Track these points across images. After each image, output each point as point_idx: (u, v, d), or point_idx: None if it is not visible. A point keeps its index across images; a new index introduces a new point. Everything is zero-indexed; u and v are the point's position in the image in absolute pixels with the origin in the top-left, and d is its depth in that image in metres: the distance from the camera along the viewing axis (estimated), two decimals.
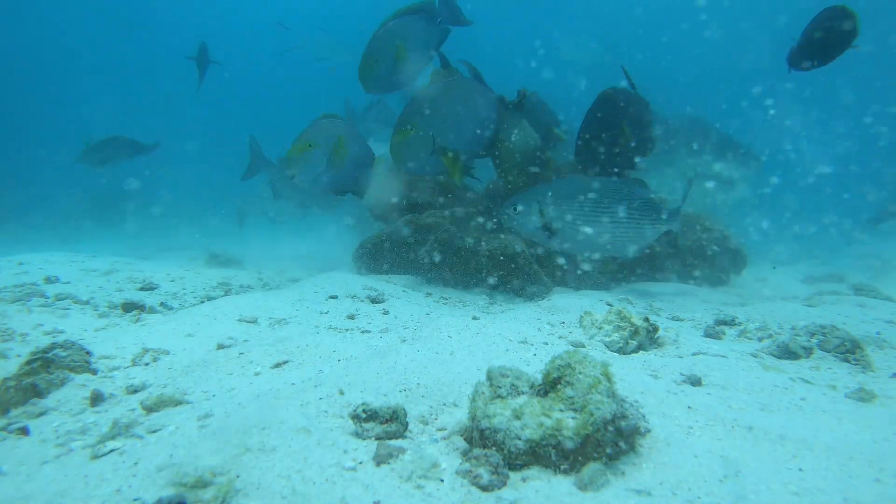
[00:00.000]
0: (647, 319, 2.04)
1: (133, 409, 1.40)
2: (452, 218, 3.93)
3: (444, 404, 1.38)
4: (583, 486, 1.00)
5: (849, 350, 1.87)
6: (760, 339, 2.11)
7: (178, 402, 1.42)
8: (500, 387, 1.21)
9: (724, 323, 2.34)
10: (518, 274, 3.31)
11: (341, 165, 3.25)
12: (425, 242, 3.60)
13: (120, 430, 1.27)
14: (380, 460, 1.09)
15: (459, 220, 3.96)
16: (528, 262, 3.33)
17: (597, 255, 3.33)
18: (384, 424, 1.22)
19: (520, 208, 3.11)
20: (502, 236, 3.40)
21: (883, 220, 7.07)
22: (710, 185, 6.25)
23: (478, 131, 3.61)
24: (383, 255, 3.86)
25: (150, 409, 1.38)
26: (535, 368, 1.48)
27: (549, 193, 3.08)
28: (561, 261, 3.68)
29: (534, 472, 1.04)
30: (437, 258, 3.41)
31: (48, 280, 3.60)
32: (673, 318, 2.53)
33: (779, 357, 1.89)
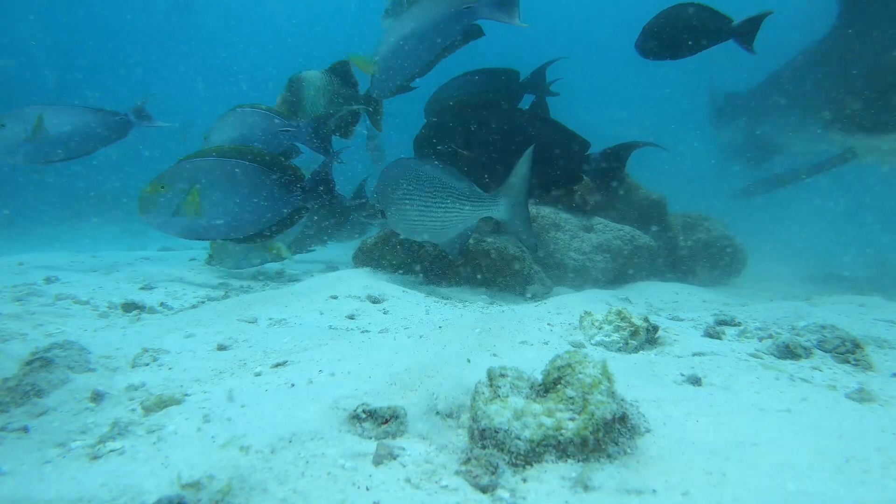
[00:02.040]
0: (646, 319, 2.04)
1: (133, 410, 1.40)
2: None
3: (443, 404, 1.38)
4: (583, 487, 1.00)
5: (849, 350, 1.87)
6: (761, 339, 2.10)
7: (178, 402, 1.42)
8: (499, 387, 1.21)
9: (725, 323, 2.34)
10: (518, 273, 3.31)
11: (194, 212, 3.03)
12: (425, 242, 3.61)
13: (120, 430, 1.26)
14: (379, 460, 1.09)
15: None
16: (529, 262, 3.33)
17: (425, 237, 3.09)
18: (384, 424, 1.22)
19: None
20: (503, 236, 3.40)
21: (754, 193, 6.47)
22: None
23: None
24: (383, 255, 3.86)
25: (149, 410, 1.38)
26: (535, 368, 1.48)
27: (381, 179, 3.09)
28: (563, 260, 3.68)
29: (534, 472, 1.04)
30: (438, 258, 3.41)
31: (48, 280, 3.60)
32: (673, 318, 2.53)
33: (779, 357, 1.89)
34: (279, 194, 3.20)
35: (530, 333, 2.10)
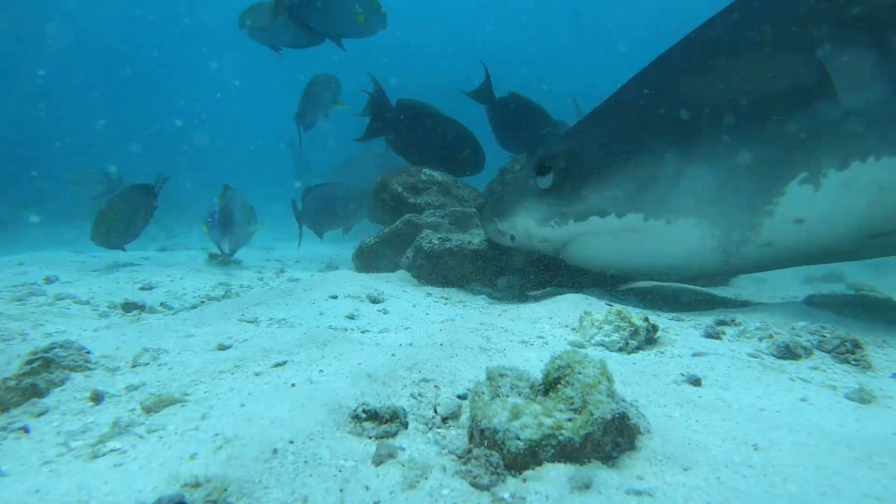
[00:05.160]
0: (646, 319, 2.04)
1: (133, 409, 1.40)
2: (452, 218, 3.94)
3: (443, 404, 1.38)
4: (582, 487, 1.00)
5: (849, 350, 1.86)
6: (760, 339, 2.10)
7: (178, 402, 1.42)
8: (500, 387, 1.21)
9: (724, 323, 2.34)
10: (518, 274, 3.31)
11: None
12: None
13: (120, 429, 1.27)
14: (379, 460, 1.09)
15: (459, 220, 3.97)
16: (529, 262, 3.33)
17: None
18: (384, 424, 1.22)
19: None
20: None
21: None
22: None
23: None
24: (383, 254, 3.86)
25: (149, 409, 1.38)
26: (534, 368, 1.48)
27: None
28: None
29: (533, 472, 1.04)
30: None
31: (48, 280, 3.60)
32: (673, 318, 2.53)
33: (779, 357, 1.89)
34: None
35: (530, 333, 2.10)
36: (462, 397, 1.40)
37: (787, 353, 1.89)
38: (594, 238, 2.71)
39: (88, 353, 1.75)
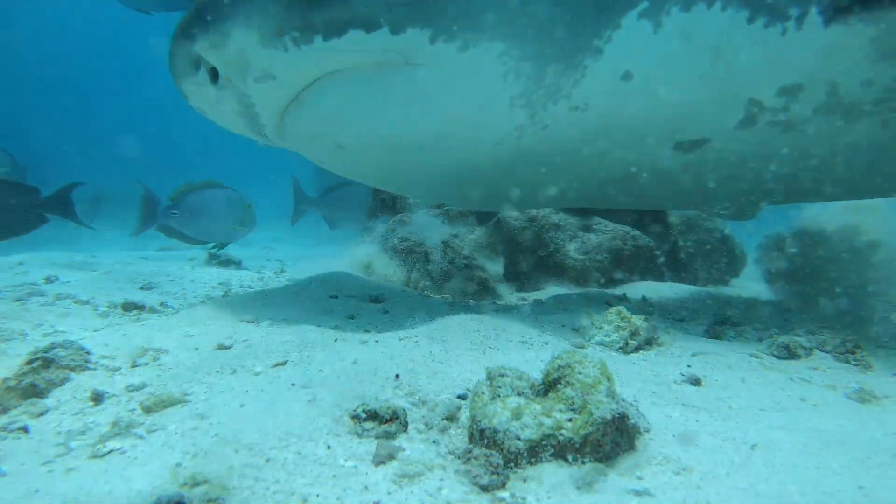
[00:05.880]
0: (646, 319, 2.04)
1: (133, 410, 1.40)
2: (446, 217, 3.94)
3: (443, 404, 1.38)
4: (582, 486, 1.00)
5: (849, 350, 1.87)
6: (760, 339, 2.11)
7: (178, 402, 1.42)
8: (499, 387, 1.21)
9: (724, 323, 2.34)
10: (517, 273, 3.31)
11: None
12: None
13: (120, 429, 1.27)
14: (379, 460, 1.09)
15: (453, 218, 3.97)
16: (529, 262, 3.34)
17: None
18: (384, 424, 1.22)
19: None
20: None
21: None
22: None
23: None
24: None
25: (149, 410, 1.38)
26: (534, 368, 1.48)
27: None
28: (563, 260, 3.68)
29: (533, 471, 1.04)
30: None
31: (48, 280, 3.60)
32: (673, 318, 2.53)
33: (779, 357, 1.89)
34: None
35: (530, 333, 2.10)
36: (462, 397, 1.40)
37: (788, 353, 1.89)
38: (344, 79, 1.83)
39: (88, 353, 1.75)
